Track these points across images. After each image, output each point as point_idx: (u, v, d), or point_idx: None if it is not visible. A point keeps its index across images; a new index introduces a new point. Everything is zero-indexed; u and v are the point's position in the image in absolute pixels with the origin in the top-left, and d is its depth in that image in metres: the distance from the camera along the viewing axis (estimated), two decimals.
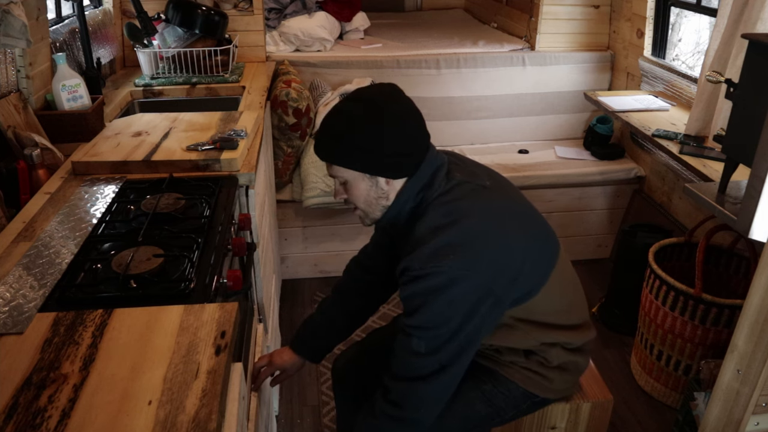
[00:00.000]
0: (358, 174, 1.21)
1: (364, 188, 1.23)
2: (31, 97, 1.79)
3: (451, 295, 1.13)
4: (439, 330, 1.15)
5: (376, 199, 1.24)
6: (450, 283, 1.12)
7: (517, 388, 1.36)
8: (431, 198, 1.22)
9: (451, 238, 1.14)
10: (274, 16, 3.18)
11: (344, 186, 1.25)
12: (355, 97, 1.21)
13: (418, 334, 1.16)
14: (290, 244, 2.82)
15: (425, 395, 1.20)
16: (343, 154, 1.20)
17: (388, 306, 2.71)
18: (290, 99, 2.50)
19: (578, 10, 3.10)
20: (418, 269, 1.13)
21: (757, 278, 1.26)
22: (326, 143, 1.21)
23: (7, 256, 1.21)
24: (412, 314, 1.16)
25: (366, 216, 1.29)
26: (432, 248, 1.14)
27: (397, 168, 1.21)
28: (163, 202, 1.39)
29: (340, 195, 1.27)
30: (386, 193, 1.24)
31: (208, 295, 1.11)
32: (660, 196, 2.80)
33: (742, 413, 1.33)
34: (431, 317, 1.15)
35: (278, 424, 2.10)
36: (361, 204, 1.26)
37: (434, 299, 1.13)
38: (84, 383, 0.87)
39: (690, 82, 2.60)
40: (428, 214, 1.20)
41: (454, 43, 3.28)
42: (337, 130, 1.19)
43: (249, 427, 1.19)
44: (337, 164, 1.21)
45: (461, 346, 1.18)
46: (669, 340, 2.09)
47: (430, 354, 1.16)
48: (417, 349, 1.16)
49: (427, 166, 1.23)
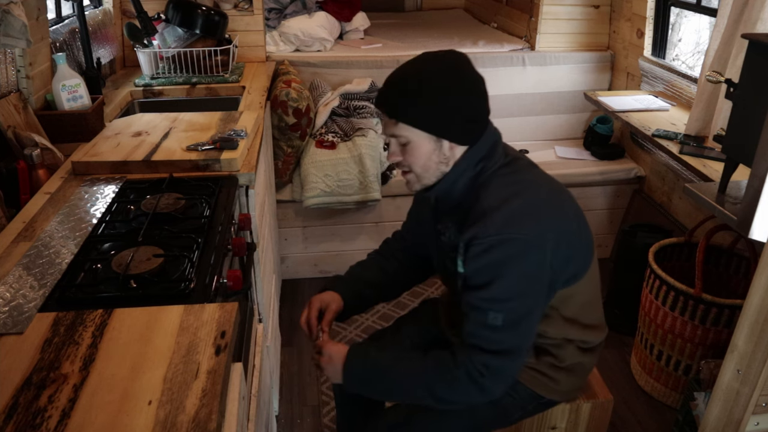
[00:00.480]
0: (424, 135, 1.18)
1: (427, 151, 1.19)
2: (31, 97, 1.79)
3: (525, 265, 1.13)
4: (515, 302, 1.14)
5: (436, 164, 1.21)
6: (524, 251, 1.12)
7: (525, 390, 1.36)
8: (492, 168, 1.21)
9: (521, 206, 1.15)
10: (274, 16, 3.18)
11: (404, 147, 1.20)
12: (431, 57, 1.19)
13: (496, 308, 1.14)
14: (290, 244, 2.82)
15: (508, 369, 1.19)
16: (415, 113, 1.16)
17: (388, 306, 2.71)
18: (290, 99, 2.50)
19: (578, 10, 3.10)
20: (493, 235, 1.11)
21: (757, 278, 1.26)
22: (397, 99, 1.17)
23: (7, 256, 1.21)
24: (486, 287, 1.14)
25: (418, 181, 1.25)
26: (504, 216, 1.13)
27: (465, 134, 1.19)
28: (163, 202, 1.39)
29: (396, 157, 1.23)
30: (447, 159, 1.21)
31: (208, 295, 1.11)
32: (660, 196, 2.80)
33: (742, 413, 1.33)
34: (507, 288, 1.13)
35: (278, 424, 2.10)
36: (418, 167, 1.22)
37: (509, 269, 1.12)
38: (84, 383, 0.87)
39: (690, 82, 2.60)
40: (493, 184, 1.19)
41: (454, 43, 3.28)
42: (412, 86, 1.16)
43: (249, 427, 1.19)
44: (404, 122, 1.17)
45: (533, 319, 1.18)
46: (669, 340, 2.09)
47: (508, 327, 1.14)
48: (494, 323, 1.14)
49: (487, 136, 1.23)
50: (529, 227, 1.13)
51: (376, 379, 1.26)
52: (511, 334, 1.16)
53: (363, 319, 2.63)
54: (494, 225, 1.12)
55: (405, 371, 1.24)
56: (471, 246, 1.15)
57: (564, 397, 1.42)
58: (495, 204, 1.15)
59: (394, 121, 1.19)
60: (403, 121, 1.17)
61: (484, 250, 1.13)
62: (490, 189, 1.19)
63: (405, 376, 1.24)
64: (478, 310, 1.16)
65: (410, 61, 1.20)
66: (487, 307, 1.14)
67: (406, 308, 2.69)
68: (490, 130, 1.25)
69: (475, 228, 1.14)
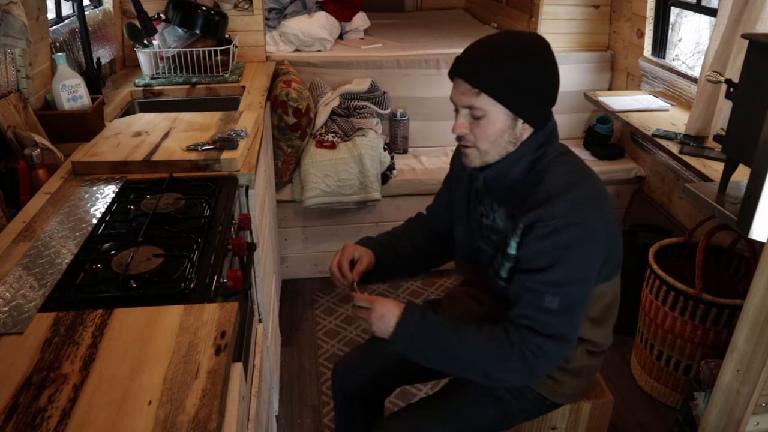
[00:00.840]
0: (503, 111, 1.16)
1: (501, 128, 1.18)
2: (31, 97, 1.79)
3: (586, 251, 1.14)
4: (573, 287, 1.14)
5: (505, 142, 1.19)
6: (587, 237, 1.13)
7: (531, 392, 1.36)
8: (552, 155, 1.21)
9: (586, 194, 1.16)
10: (274, 16, 3.18)
11: (476, 120, 1.18)
12: (521, 36, 1.19)
13: (553, 291, 1.13)
14: (290, 244, 2.82)
15: (560, 353, 1.18)
16: (502, 88, 1.14)
17: None
18: (290, 99, 2.50)
19: (578, 10, 3.10)
20: (560, 218, 1.11)
21: (757, 278, 1.26)
22: (485, 70, 1.14)
23: (7, 256, 1.21)
24: (546, 270, 1.13)
25: (481, 157, 1.22)
26: (571, 200, 1.13)
27: (540, 116, 1.20)
28: (163, 202, 1.39)
29: (463, 128, 1.20)
30: (516, 140, 1.20)
31: (208, 295, 1.11)
32: (660, 196, 2.80)
33: (742, 413, 1.33)
34: (567, 272, 1.13)
35: (278, 424, 2.10)
36: (486, 143, 1.19)
37: (571, 254, 1.12)
38: (84, 383, 0.87)
39: (690, 82, 2.60)
40: (554, 170, 1.19)
41: (454, 43, 3.28)
42: (504, 61, 1.14)
43: (249, 427, 1.19)
44: (489, 94, 1.15)
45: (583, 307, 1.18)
46: (669, 340, 2.09)
47: (563, 312, 1.14)
48: (549, 306, 1.13)
49: (552, 123, 1.23)
50: (593, 214, 1.14)
51: (428, 344, 1.20)
52: (565, 319, 1.16)
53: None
54: (561, 208, 1.12)
55: (459, 340, 1.19)
56: (535, 228, 1.14)
57: (568, 399, 1.42)
58: (561, 188, 1.15)
59: (476, 92, 1.16)
60: (487, 92, 1.15)
61: (550, 232, 1.12)
62: (552, 174, 1.18)
63: (458, 346, 1.19)
64: (536, 293, 1.15)
65: (498, 35, 1.20)
66: (545, 290, 1.14)
67: None
68: (552, 117, 1.26)
69: (540, 210, 1.14)
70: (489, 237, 1.28)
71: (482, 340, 1.18)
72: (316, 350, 2.46)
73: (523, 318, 1.16)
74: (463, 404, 1.35)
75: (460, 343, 1.19)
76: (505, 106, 1.16)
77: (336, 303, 2.74)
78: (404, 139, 3.02)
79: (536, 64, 1.17)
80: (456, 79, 1.19)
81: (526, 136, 1.21)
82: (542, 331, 1.15)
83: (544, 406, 1.40)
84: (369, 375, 1.52)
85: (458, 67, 1.19)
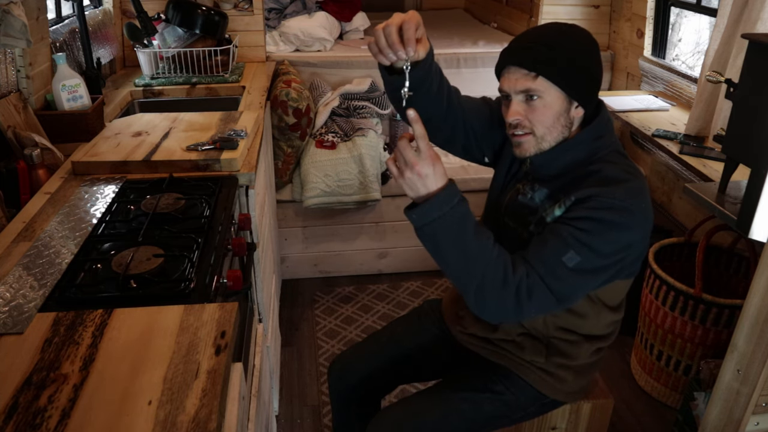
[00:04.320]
0: (560, 94, 1.18)
1: (558, 111, 1.19)
2: (31, 97, 1.79)
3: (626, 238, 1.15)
4: (597, 260, 1.14)
5: (561, 127, 1.21)
6: (635, 226, 1.15)
7: (530, 390, 1.36)
8: (610, 148, 1.23)
9: (642, 188, 1.18)
10: (274, 16, 3.18)
11: (532, 105, 1.19)
12: (566, 25, 1.22)
13: (579, 249, 1.13)
14: (290, 244, 2.82)
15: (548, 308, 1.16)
16: (560, 70, 1.16)
17: (388, 306, 2.72)
18: (290, 99, 2.50)
19: (578, 10, 3.11)
20: (618, 200, 1.12)
21: (757, 278, 1.26)
22: (543, 54, 1.16)
23: (7, 256, 1.21)
24: (585, 231, 1.13)
25: (537, 144, 1.22)
26: (630, 189, 1.15)
27: (591, 99, 1.22)
28: (163, 202, 1.39)
29: (517, 115, 1.20)
30: (571, 124, 1.22)
31: (208, 295, 1.11)
32: (660, 196, 2.80)
33: (742, 413, 1.33)
34: (602, 245, 1.14)
35: (278, 424, 2.10)
36: (543, 128, 1.20)
37: (615, 233, 1.13)
38: (84, 383, 0.87)
39: (690, 82, 2.60)
40: (612, 162, 1.21)
41: (454, 43, 3.28)
42: (555, 43, 1.17)
43: (249, 427, 1.19)
44: (546, 77, 1.16)
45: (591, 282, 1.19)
46: (669, 340, 2.09)
47: (575, 273, 1.14)
48: (567, 261, 1.13)
49: (604, 114, 1.25)
50: (645, 210, 1.17)
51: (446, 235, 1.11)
52: (572, 281, 1.15)
53: (363, 318, 2.63)
54: (620, 193, 1.14)
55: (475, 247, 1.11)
56: (589, 200, 1.14)
57: (568, 398, 1.42)
58: (621, 177, 1.17)
59: (533, 75, 1.16)
60: (545, 75, 1.16)
61: (605, 207, 1.13)
62: (610, 165, 1.20)
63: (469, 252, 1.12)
64: (562, 242, 1.13)
65: (542, 26, 1.23)
66: (573, 244, 1.13)
67: (406, 308, 2.69)
68: (605, 110, 1.27)
69: (598, 189, 1.15)
70: (519, 212, 1.28)
71: (492, 257, 1.12)
72: (316, 350, 2.46)
73: (537, 260, 1.14)
74: (460, 397, 1.36)
75: (474, 251, 1.11)
76: (561, 88, 1.17)
77: (336, 303, 2.75)
78: None
79: (587, 46, 1.20)
80: (508, 68, 1.20)
81: (578, 122, 1.23)
82: (546, 280, 1.13)
83: (544, 405, 1.40)
84: (365, 374, 1.52)
85: (511, 55, 1.20)
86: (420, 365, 1.54)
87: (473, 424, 1.36)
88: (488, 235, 1.14)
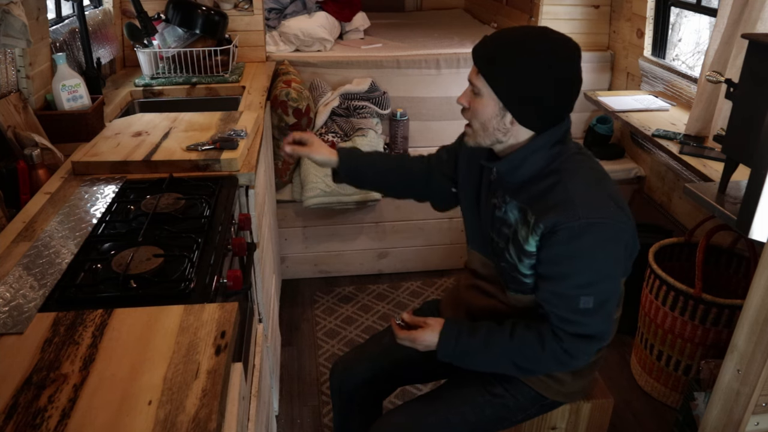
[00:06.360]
0: (493, 96, 1.19)
1: (490, 112, 1.20)
2: (31, 97, 1.79)
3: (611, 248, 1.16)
4: (604, 283, 1.17)
5: (493, 129, 1.22)
6: (611, 234, 1.15)
7: (530, 392, 1.36)
8: (567, 153, 1.23)
9: (604, 190, 1.18)
10: (274, 16, 3.18)
11: (474, 98, 1.22)
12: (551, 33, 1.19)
13: (587, 291, 1.15)
14: (290, 244, 2.82)
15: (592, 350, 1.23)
16: (495, 73, 1.17)
17: (388, 306, 2.72)
18: (290, 99, 2.50)
19: (578, 10, 3.10)
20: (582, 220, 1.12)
21: (757, 278, 1.26)
22: (487, 52, 1.18)
23: (7, 256, 1.21)
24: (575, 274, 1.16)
25: (474, 136, 1.26)
26: (591, 200, 1.15)
27: (534, 119, 1.20)
28: (163, 202, 1.39)
29: (464, 100, 1.24)
30: (506, 131, 1.22)
31: (208, 295, 1.11)
32: (660, 196, 2.80)
33: (742, 413, 1.33)
34: (596, 271, 1.15)
35: (278, 424, 2.10)
36: (477, 123, 1.23)
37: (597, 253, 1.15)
38: (84, 383, 0.87)
39: (690, 82, 2.60)
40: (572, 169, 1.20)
41: (454, 43, 3.28)
42: (507, 48, 1.16)
43: (249, 427, 1.19)
44: (483, 75, 1.18)
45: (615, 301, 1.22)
46: (669, 340, 2.09)
47: (598, 308, 1.17)
48: (585, 307, 1.15)
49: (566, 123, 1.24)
50: (613, 212, 1.16)
51: (467, 359, 1.28)
52: (601, 315, 1.19)
53: (363, 319, 2.63)
54: (582, 210, 1.13)
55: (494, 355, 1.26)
56: (557, 232, 1.15)
57: (568, 398, 1.42)
58: (580, 188, 1.17)
59: (476, 69, 1.20)
60: (483, 74, 1.19)
61: (573, 236, 1.13)
62: (570, 173, 1.19)
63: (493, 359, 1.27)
64: (569, 298, 1.17)
65: (530, 28, 1.23)
66: (578, 293, 1.16)
67: (406, 308, 2.69)
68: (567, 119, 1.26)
69: (561, 213, 1.14)
70: (500, 229, 1.29)
71: (514, 349, 1.23)
72: (316, 350, 2.46)
73: (560, 321, 1.20)
74: (461, 399, 1.36)
75: (496, 355, 1.25)
76: (494, 92, 1.18)
77: (336, 303, 2.75)
78: (404, 139, 3.01)
79: (541, 69, 1.14)
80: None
81: (524, 134, 1.22)
82: (577, 333, 1.19)
83: (543, 406, 1.40)
84: (367, 375, 1.52)
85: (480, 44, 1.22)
86: (421, 367, 1.54)
87: (475, 427, 1.36)
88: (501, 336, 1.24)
